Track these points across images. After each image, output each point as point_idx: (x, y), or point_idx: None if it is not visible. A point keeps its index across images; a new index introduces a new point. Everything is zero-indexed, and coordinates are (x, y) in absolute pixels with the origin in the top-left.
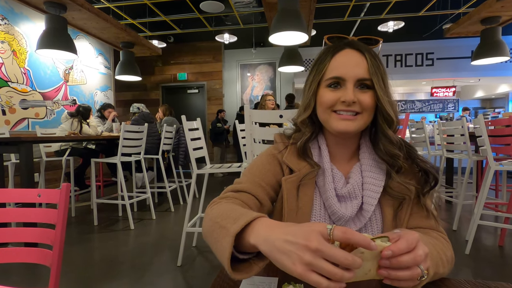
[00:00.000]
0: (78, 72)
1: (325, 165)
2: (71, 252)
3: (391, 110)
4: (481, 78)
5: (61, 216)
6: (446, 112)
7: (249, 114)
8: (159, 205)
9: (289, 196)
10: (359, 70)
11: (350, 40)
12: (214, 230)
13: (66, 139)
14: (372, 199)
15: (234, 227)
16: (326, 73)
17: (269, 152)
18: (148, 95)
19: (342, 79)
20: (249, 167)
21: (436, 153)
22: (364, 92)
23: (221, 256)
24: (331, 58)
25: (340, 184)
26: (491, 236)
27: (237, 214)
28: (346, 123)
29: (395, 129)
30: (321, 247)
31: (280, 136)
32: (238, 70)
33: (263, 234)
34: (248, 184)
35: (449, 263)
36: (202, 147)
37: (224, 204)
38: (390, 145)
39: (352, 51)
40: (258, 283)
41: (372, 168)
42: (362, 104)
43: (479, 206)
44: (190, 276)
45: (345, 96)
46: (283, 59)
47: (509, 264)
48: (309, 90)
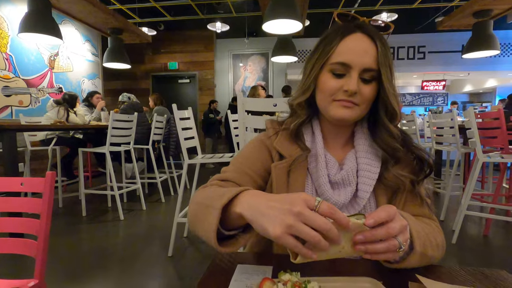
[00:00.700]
0: (64, 59)
1: (318, 150)
2: (59, 243)
3: (396, 103)
4: (470, 72)
5: (45, 205)
6: (436, 105)
7: (242, 103)
8: (150, 195)
9: (278, 183)
10: (367, 59)
11: (362, 23)
12: (199, 211)
13: (51, 127)
14: (368, 186)
15: (220, 202)
16: (332, 57)
17: (258, 138)
18: (138, 84)
19: (348, 66)
20: (237, 155)
21: (426, 145)
22: (367, 85)
23: (207, 231)
24: (340, 41)
25: (334, 170)
26: (477, 226)
27: (222, 192)
28: (345, 111)
29: (397, 122)
30: (303, 211)
31: (271, 122)
32: (230, 60)
33: (248, 201)
34: (234, 173)
35: (439, 247)
36: (194, 137)
37: (208, 188)
38: (391, 139)
39: (362, 36)
40: (252, 272)
41: (367, 154)
42: (362, 96)
43: (466, 197)
44: (181, 266)
45: (348, 85)
46: (276, 49)
47: (494, 252)
48: (311, 72)
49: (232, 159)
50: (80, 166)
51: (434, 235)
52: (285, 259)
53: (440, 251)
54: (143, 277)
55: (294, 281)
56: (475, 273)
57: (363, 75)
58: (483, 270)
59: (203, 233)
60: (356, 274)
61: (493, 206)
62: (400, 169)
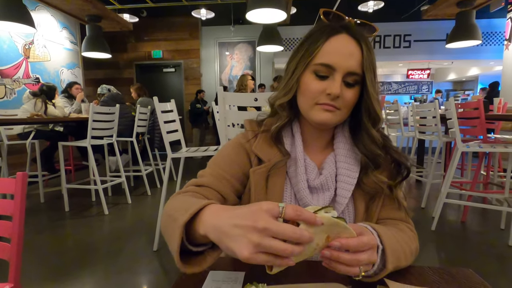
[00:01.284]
0: (40, 48)
1: (297, 154)
2: (41, 240)
3: (379, 108)
4: (454, 61)
5: (18, 207)
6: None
7: (222, 97)
8: (135, 189)
9: (257, 188)
10: (352, 62)
11: (348, 23)
12: (168, 224)
13: (28, 121)
14: (346, 191)
15: (183, 218)
16: (317, 57)
17: (236, 141)
18: (121, 74)
19: (332, 68)
20: (215, 158)
21: (409, 135)
22: (350, 88)
23: (172, 249)
24: (325, 41)
25: (313, 175)
26: (455, 212)
27: (188, 204)
28: (327, 114)
29: (379, 128)
30: (268, 225)
31: (250, 123)
32: (216, 48)
33: (210, 222)
34: (210, 178)
35: (413, 255)
36: (177, 130)
37: (181, 197)
38: (373, 144)
39: (348, 38)
40: (224, 279)
41: (347, 159)
42: (344, 100)
43: (446, 185)
44: (167, 261)
45: (331, 88)
46: (262, 38)
47: (470, 238)
48: (293, 73)
49: (209, 161)
50: (60, 160)
51: (409, 243)
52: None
53: (413, 258)
54: (128, 272)
55: None
56: (442, 272)
57: (347, 79)
58: (449, 270)
59: (170, 247)
60: (325, 279)
61: (471, 193)
62: (378, 174)
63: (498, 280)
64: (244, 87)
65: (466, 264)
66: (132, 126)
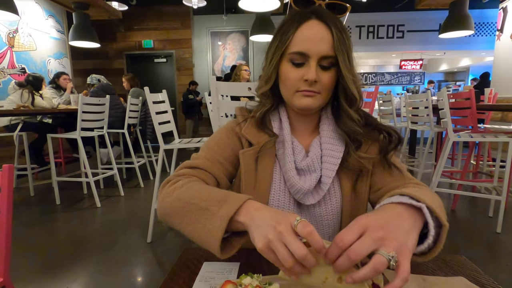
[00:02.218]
0: (25, 37)
1: (285, 137)
2: (33, 233)
3: (355, 89)
4: (446, 51)
5: (5, 200)
6: (413, 84)
7: (215, 87)
8: (128, 181)
9: (247, 169)
10: (324, 46)
11: (317, 8)
12: (189, 211)
13: (15, 113)
14: (330, 171)
15: (224, 211)
16: (290, 46)
17: (228, 126)
18: (111, 64)
19: (306, 55)
20: (208, 142)
21: (401, 125)
22: (325, 71)
23: (207, 238)
24: (295, 30)
25: (300, 157)
26: (445, 200)
27: (219, 196)
28: (308, 100)
29: (357, 107)
30: (284, 232)
31: (240, 109)
32: (208, 38)
33: (252, 214)
34: (204, 161)
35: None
36: (170, 121)
37: (190, 183)
38: (351, 122)
39: (318, 23)
40: (218, 270)
41: (331, 140)
42: (322, 83)
43: (437, 175)
44: (161, 252)
45: (307, 74)
46: (255, 28)
47: (460, 225)
48: (271, 62)
49: (202, 145)
50: (50, 152)
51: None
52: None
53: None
54: (122, 264)
55: (254, 285)
56: (436, 260)
57: (322, 63)
58: (443, 257)
59: (194, 235)
60: None
61: (461, 182)
62: (364, 151)
63: (486, 265)
64: (238, 77)
65: (455, 251)
66: (124, 118)
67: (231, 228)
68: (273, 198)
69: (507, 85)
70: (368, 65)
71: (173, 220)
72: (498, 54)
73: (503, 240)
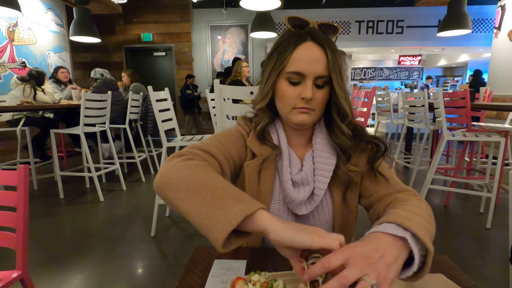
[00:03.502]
0: (25, 30)
1: (283, 148)
2: (38, 226)
3: (347, 106)
4: (445, 47)
5: (21, 198)
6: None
7: (219, 90)
8: (129, 175)
9: (250, 181)
10: (319, 67)
11: (311, 30)
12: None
13: (18, 108)
14: (322, 184)
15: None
16: (287, 66)
17: (238, 129)
18: (110, 58)
19: (302, 74)
20: (217, 135)
21: (398, 122)
22: (319, 90)
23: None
24: (292, 50)
25: (296, 170)
26: (439, 197)
27: (238, 193)
28: (303, 116)
29: (348, 122)
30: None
31: (243, 120)
32: (208, 32)
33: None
34: (216, 150)
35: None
36: (172, 118)
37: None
38: (343, 136)
39: (313, 45)
40: (228, 267)
41: (322, 153)
42: (317, 101)
43: (431, 172)
44: (165, 246)
45: (304, 93)
46: (255, 24)
47: (452, 221)
48: (268, 80)
49: (211, 136)
50: (53, 148)
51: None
52: (258, 253)
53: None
54: (126, 258)
55: (262, 281)
56: None
57: (316, 82)
58: None
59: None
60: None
61: (454, 179)
62: (353, 163)
63: (475, 260)
64: (238, 74)
65: (447, 246)
66: (125, 113)
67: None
68: (273, 207)
69: (503, 83)
70: (367, 60)
71: (173, 192)
72: (495, 52)
73: (492, 236)
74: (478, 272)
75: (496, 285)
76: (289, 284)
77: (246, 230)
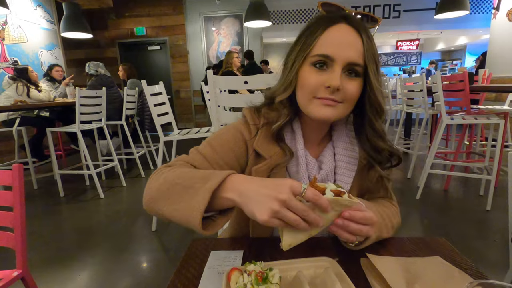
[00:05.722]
0: (15, 28)
1: (298, 151)
2: (39, 226)
3: (383, 100)
4: (443, 30)
5: (17, 198)
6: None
7: (212, 81)
8: (129, 171)
9: None
10: (352, 53)
11: (348, 14)
12: (174, 192)
13: (12, 108)
14: (345, 184)
15: (209, 185)
16: (314, 49)
17: (237, 128)
18: (104, 53)
19: (331, 58)
20: (212, 139)
21: (397, 108)
22: (352, 80)
23: (189, 213)
24: (322, 32)
25: (314, 171)
26: (439, 181)
27: (203, 174)
28: (327, 109)
29: (383, 120)
30: (288, 199)
31: (250, 113)
32: (202, 23)
33: (239, 188)
34: (203, 162)
35: (394, 228)
36: (168, 112)
37: (177, 168)
38: (378, 139)
39: (347, 27)
40: (225, 258)
41: (346, 152)
42: (346, 92)
43: (431, 156)
44: (166, 240)
45: (330, 80)
46: (249, 14)
47: (452, 205)
48: (292, 67)
49: (205, 140)
50: (50, 147)
51: (391, 218)
52: (255, 244)
53: (394, 231)
54: (129, 252)
55: (257, 270)
56: (418, 242)
57: (347, 69)
58: (425, 239)
59: (176, 213)
60: (314, 255)
61: (453, 163)
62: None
63: (476, 242)
64: (229, 65)
65: (447, 229)
66: (121, 109)
67: (216, 206)
68: None
69: (502, 65)
70: None
71: (158, 204)
72: (494, 32)
73: (492, 218)
74: (479, 253)
75: (496, 266)
76: (285, 273)
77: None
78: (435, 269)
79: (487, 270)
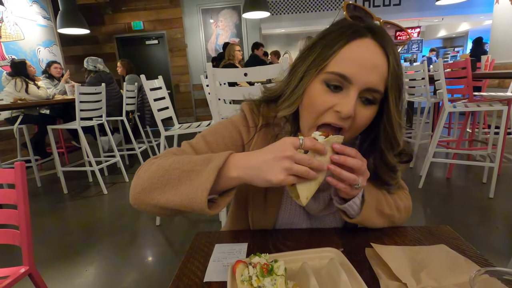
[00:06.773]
0: (11, 26)
1: None
2: (45, 223)
3: (401, 136)
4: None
5: (21, 195)
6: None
7: (212, 73)
8: (131, 167)
9: (255, 193)
10: (374, 77)
11: (375, 25)
12: (171, 177)
13: (12, 106)
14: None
15: (213, 164)
16: (330, 64)
17: (235, 123)
18: (102, 49)
19: (348, 80)
20: (207, 133)
21: None
22: (365, 108)
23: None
24: (343, 45)
25: None
26: (441, 170)
27: (203, 157)
28: None
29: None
30: (293, 154)
31: (249, 110)
32: (199, 16)
33: (243, 165)
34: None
35: (401, 210)
36: (168, 107)
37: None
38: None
39: (373, 44)
40: (229, 251)
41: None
42: (356, 121)
43: (433, 145)
44: (170, 234)
45: (342, 106)
46: (247, 5)
47: (455, 193)
48: (301, 81)
49: (200, 134)
50: (52, 144)
51: (395, 198)
52: (259, 235)
53: (403, 214)
54: (134, 247)
55: (262, 263)
56: (423, 231)
57: (364, 95)
58: (429, 228)
59: (175, 198)
60: (319, 246)
61: (456, 151)
62: None
63: (479, 229)
64: (232, 57)
65: (450, 217)
66: (121, 105)
67: (219, 187)
68: (285, 209)
69: (505, 51)
70: None
71: (152, 194)
72: (496, 18)
73: (495, 205)
74: (482, 241)
75: (500, 253)
76: (290, 264)
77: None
78: (441, 257)
79: (490, 257)
